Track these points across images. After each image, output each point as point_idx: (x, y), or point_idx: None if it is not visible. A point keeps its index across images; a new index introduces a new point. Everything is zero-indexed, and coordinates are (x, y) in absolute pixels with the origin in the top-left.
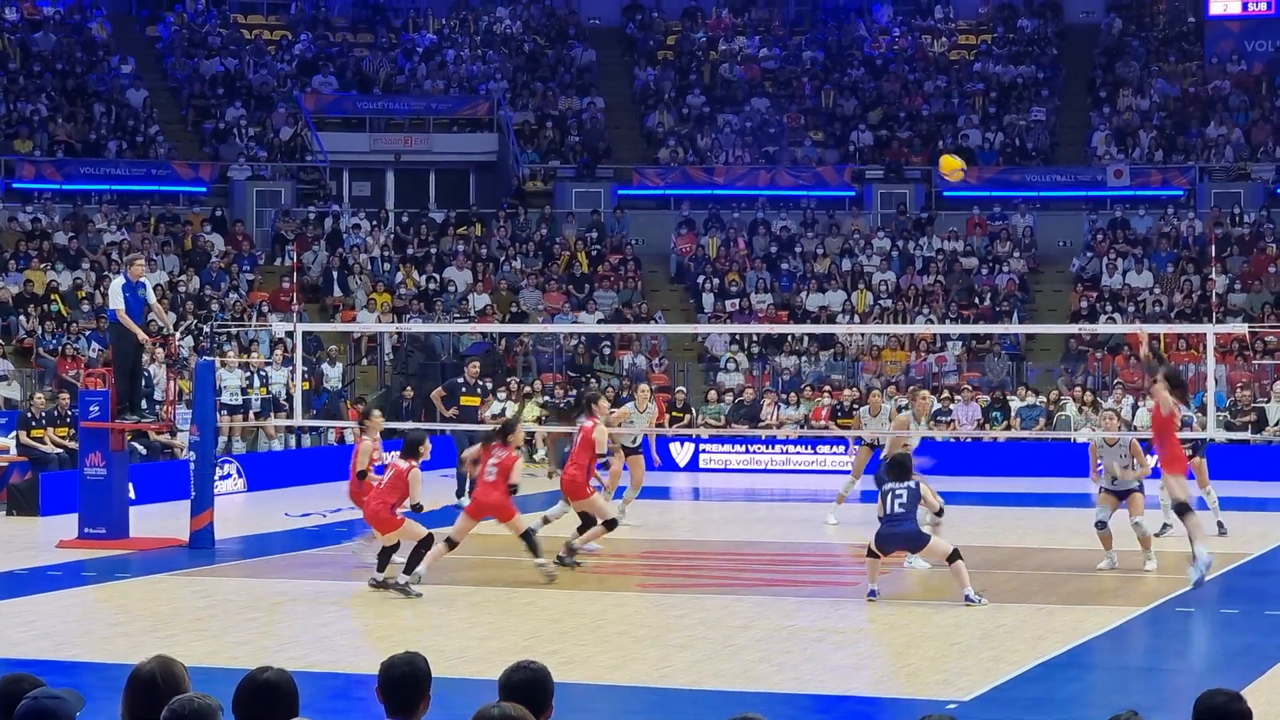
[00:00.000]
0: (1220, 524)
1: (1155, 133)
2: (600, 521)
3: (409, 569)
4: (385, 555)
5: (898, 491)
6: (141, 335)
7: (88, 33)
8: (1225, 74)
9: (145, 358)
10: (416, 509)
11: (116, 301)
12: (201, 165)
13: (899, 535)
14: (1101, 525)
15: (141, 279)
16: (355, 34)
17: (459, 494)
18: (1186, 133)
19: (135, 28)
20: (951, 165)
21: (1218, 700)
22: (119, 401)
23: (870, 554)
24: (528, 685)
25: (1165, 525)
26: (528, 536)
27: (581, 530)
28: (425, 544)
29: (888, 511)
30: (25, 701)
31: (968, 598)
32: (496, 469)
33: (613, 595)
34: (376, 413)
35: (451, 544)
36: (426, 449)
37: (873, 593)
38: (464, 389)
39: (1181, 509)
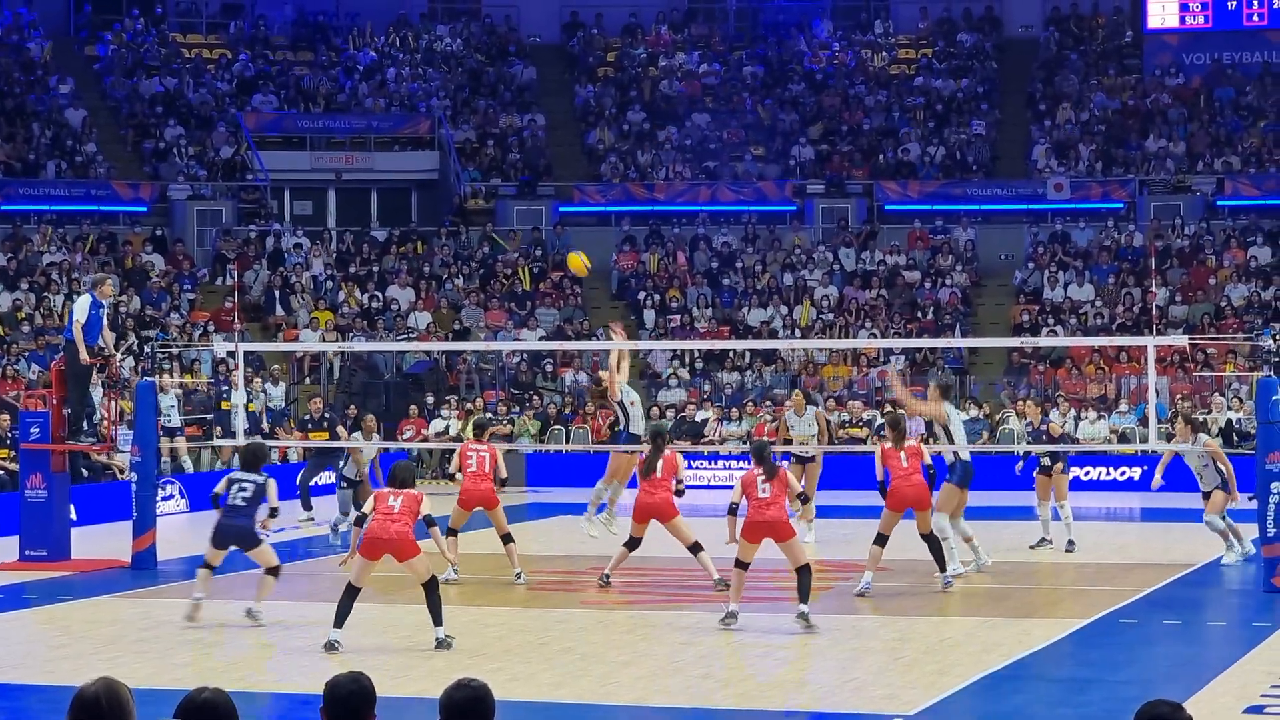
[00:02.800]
0: (1071, 541)
1: (1095, 146)
2: (691, 543)
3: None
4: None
5: (244, 484)
6: (84, 355)
7: (26, 53)
8: (1164, 87)
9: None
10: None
11: (80, 316)
12: (141, 185)
13: (233, 529)
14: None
15: (107, 300)
16: (295, 52)
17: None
18: (1126, 146)
19: (74, 47)
20: (576, 263)
21: (1160, 711)
22: (72, 422)
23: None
24: (468, 703)
25: (1043, 539)
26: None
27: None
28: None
29: (231, 502)
30: None
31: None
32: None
33: (557, 612)
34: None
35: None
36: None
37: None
38: (310, 424)
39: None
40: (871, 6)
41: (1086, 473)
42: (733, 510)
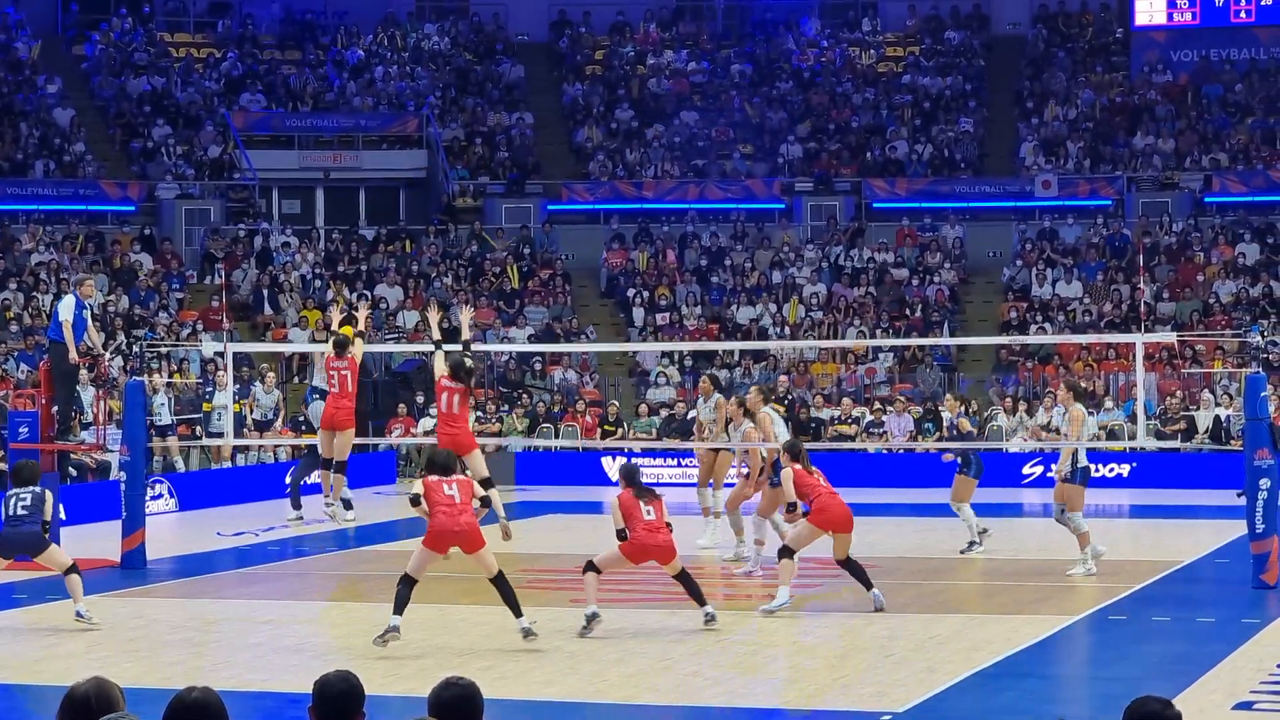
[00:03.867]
0: (972, 543)
1: (1083, 143)
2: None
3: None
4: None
5: (22, 495)
6: (73, 354)
7: (14, 52)
8: (1151, 84)
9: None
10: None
11: (66, 315)
12: (130, 184)
13: (17, 537)
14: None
15: (90, 299)
16: (283, 51)
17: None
18: (1114, 143)
19: (61, 47)
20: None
21: (1150, 708)
22: (59, 422)
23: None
24: (456, 702)
25: (972, 543)
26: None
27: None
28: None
29: (9, 514)
30: None
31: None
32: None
33: (546, 610)
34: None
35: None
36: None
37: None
38: (304, 425)
39: (782, 551)
40: (859, 4)
41: None
42: (621, 536)
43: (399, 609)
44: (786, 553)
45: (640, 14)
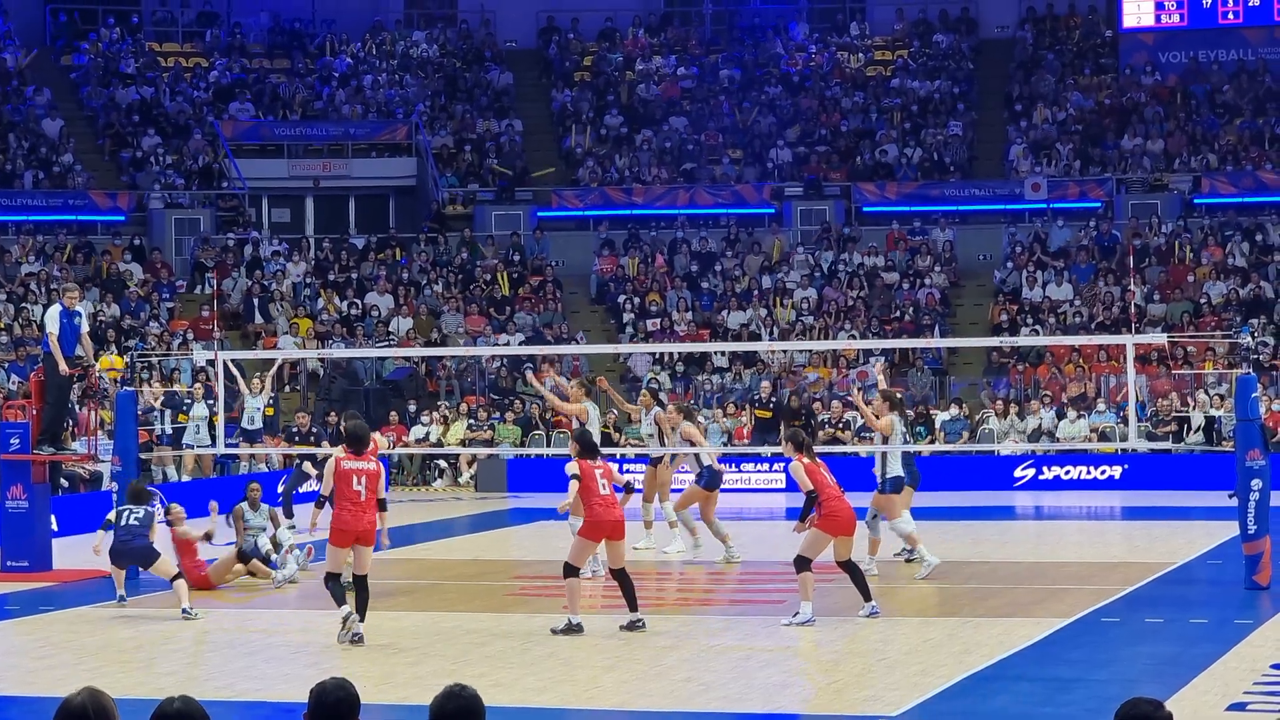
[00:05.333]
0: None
1: (1072, 145)
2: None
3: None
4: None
5: (135, 511)
6: (63, 366)
7: (2, 63)
8: (1140, 86)
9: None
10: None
11: (52, 327)
12: (119, 194)
13: (130, 550)
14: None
15: (76, 308)
16: (271, 60)
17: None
18: (1103, 145)
19: (50, 57)
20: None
21: (1141, 709)
22: (42, 432)
23: None
24: (460, 714)
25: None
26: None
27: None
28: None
29: (122, 527)
30: None
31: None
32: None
33: (539, 618)
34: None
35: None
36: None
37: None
38: (296, 436)
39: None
40: (847, 8)
41: (1067, 472)
42: (321, 504)
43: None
44: (803, 564)
45: (629, 20)
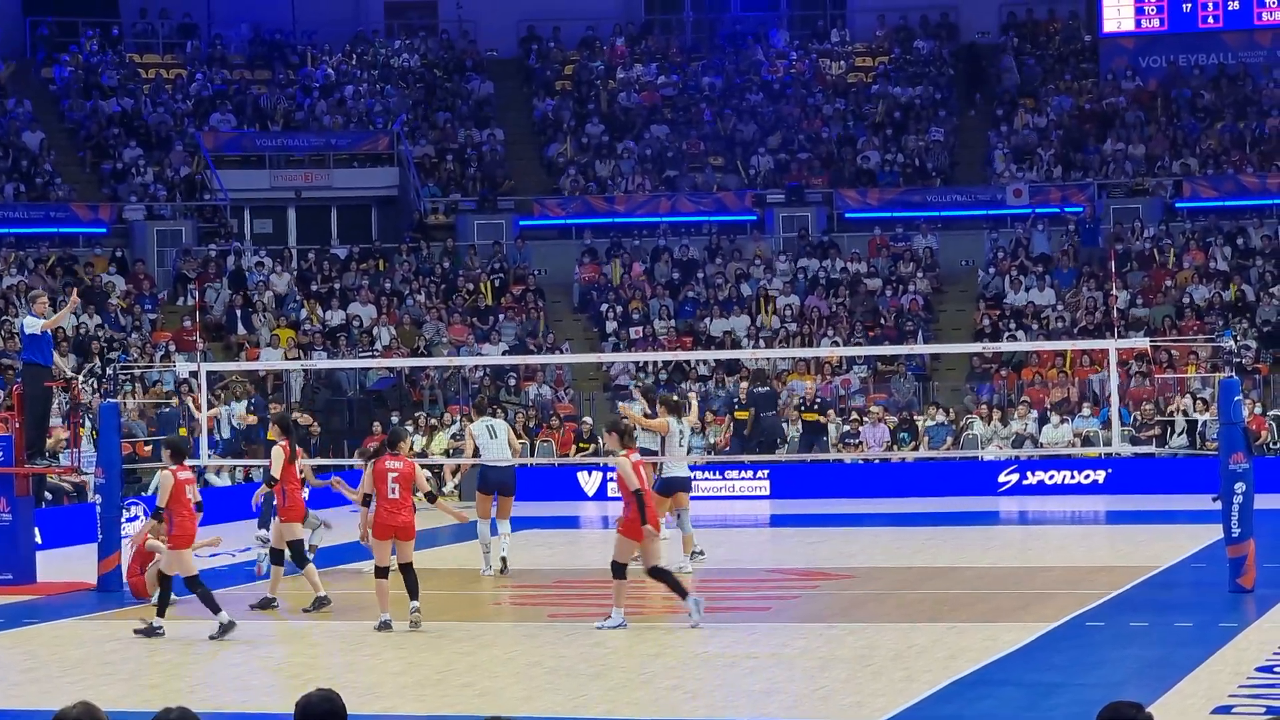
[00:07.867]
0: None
1: (1053, 150)
2: None
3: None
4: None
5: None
6: (59, 365)
7: None
8: (1120, 90)
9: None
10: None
11: (33, 330)
12: (100, 206)
13: None
14: None
15: (44, 316)
16: (252, 71)
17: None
18: (1084, 149)
19: (30, 69)
20: None
21: (1124, 712)
22: (29, 445)
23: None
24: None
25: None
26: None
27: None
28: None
29: None
30: None
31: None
32: (398, 483)
33: (524, 626)
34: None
35: (386, 572)
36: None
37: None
38: None
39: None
40: (828, 15)
41: (1051, 476)
42: (365, 502)
43: (680, 589)
44: (619, 570)
45: (609, 28)
